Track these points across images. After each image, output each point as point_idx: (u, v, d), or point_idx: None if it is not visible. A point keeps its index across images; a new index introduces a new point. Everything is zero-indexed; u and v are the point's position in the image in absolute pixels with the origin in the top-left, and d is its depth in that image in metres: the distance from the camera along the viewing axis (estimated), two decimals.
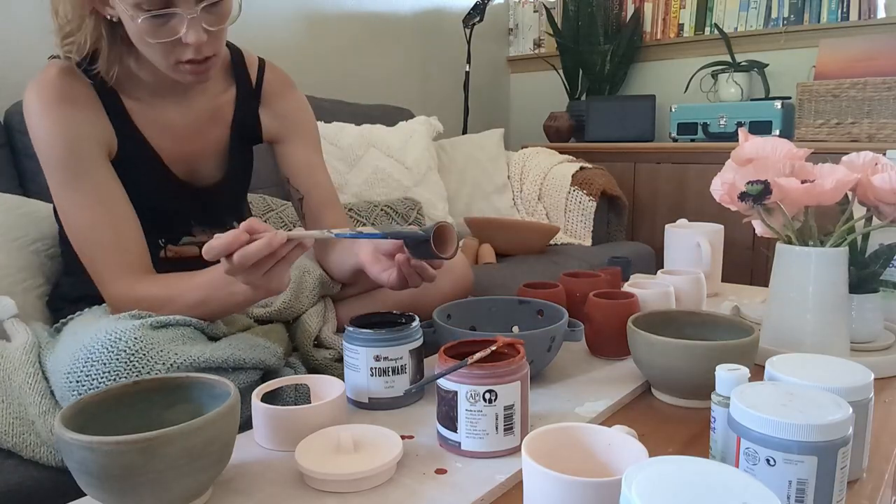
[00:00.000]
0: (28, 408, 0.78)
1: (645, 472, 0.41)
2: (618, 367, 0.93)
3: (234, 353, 0.82)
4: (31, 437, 0.78)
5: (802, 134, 2.24)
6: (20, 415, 0.78)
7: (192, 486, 0.56)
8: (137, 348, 0.74)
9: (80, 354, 0.75)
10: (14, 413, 0.78)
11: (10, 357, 0.82)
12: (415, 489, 0.61)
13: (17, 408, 0.79)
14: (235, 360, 0.82)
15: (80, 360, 0.74)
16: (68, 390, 0.75)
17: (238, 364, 0.82)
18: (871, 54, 2.19)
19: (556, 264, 1.84)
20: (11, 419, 0.78)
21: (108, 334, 0.75)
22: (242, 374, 0.83)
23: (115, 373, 0.73)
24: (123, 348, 0.74)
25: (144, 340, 0.75)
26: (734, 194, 0.88)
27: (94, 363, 0.74)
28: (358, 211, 1.69)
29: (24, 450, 0.78)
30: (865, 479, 0.65)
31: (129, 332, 0.75)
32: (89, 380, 0.73)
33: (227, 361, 0.81)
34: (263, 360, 0.86)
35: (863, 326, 0.96)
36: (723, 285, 1.43)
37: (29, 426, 0.78)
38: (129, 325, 0.76)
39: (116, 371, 0.73)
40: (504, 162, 2.31)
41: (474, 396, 0.65)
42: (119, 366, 0.73)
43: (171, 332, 0.80)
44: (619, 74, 2.87)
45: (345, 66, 2.42)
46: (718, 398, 0.63)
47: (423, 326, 0.90)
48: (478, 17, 2.58)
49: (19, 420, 0.78)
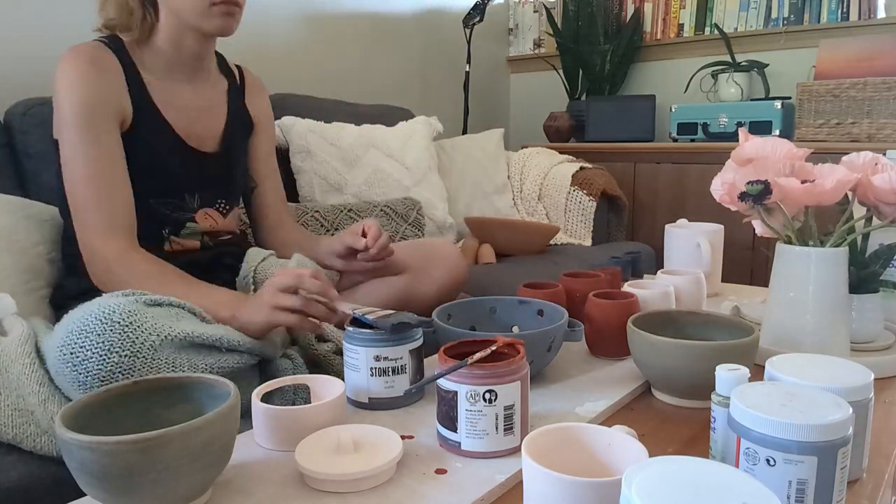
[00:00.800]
0: (27, 398, 0.78)
1: (645, 472, 0.41)
2: (618, 367, 0.93)
3: (228, 334, 0.84)
4: (30, 427, 0.78)
5: (802, 134, 2.24)
6: (18, 406, 0.78)
7: (192, 486, 0.56)
8: (132, 320, 0.75)
9: (74, 327, 0.74)
10: (12, 405, 0.78)
11: (6, 350, 0.82)
12: (415, 489, 0.61)
13: (14, 399, 0.78)
14: (229, 340, 0.83)
15: (73, 332, 0.74)
16: (62, 363, 0.74)
17: (231, 346, 0.84)
18: (871, 54, 2.19)
19: (556, 264, 1.84)
20: (10, 411, 0.78)
21: (102, 308, 0.75)
22: (236, 356, 0.84)
23: (108, 343, 0.73)
24: (118, 320, 0.74)
25: (138, 314, 0.76)
26: (734, 194, 0.88)
27: (89, 335, 0.73)
28: (358, 211, 1.69)
29: (24, 441, 0.78)
30: (865, 479, 0.65)
31: (124, 306, 0.76)
32: (83, 351, 0.73)
33: (220, 340, 0.82)
34: (258, 346, 0.88)
35: (863, 326, 0.96)
36: (723, 285, 1.43)
37: (28, 416, 0.78)
38: (123, 301, 0.77)
39: (110, 342, 0.73)
40: (504, 162, 2.31)
41: (474, 396, 0.65)
42: (113, 336, 0.73)
43: (165, 309, 0.81)
44: (619, 74, 2.87)
45: (345, 66, 2.42)
46: (718, 398, 0.63)
47: (423, 326, 0.90)
48: (478, 17, 2.58)
49: (18, 411, 0.78)
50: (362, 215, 1.69)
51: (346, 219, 1.64)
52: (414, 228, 1.78)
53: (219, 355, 0.82)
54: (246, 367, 0.87)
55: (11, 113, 1.35)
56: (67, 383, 0.75)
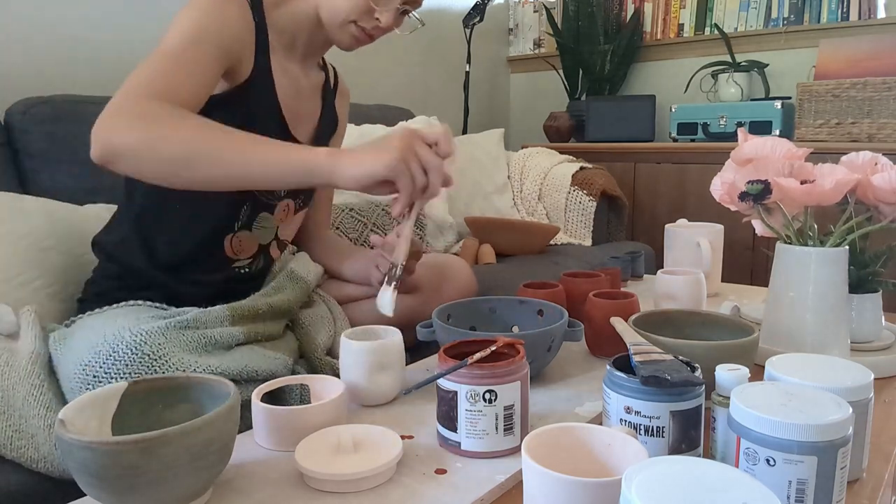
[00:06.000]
0: (29, 420, 0.77)
1: (645, 472, 0.41)
2: None
3: (249, 365, 0.84)
4: (29, 451, 0.77)
5: (802, 134, 2.24)
6: (20, 427, 0.78)
7: (192, 486, 0.56)
8: (160, 353, 0.75)
9: (104, 349, 0.74)
10: (14, 426, 0.78)
11: (16, 366, 0.81)
12: (415, 489, 0.61)
13: (17, 420, 0.78)
14: (248, 371, 0.84)
15: (102, 354, 0.74)
16: (82, 382, 0.74)
17: (250, 376, 0.84)
18: (871, 54, 2.19)
19: (556, 264, 1.84)
20: (10, 432, 0.77)
21: (134, 336, 0.75)
22: (252, 385, 0.84)
23: (136, 375, 0.74)
24: (147, 353, 0.75)
25: (167, 346, 0.76)
26: (734, 194, 0.88)
27: (117, 362, 0.74)
28: (359, 210, 1.69)
29: (23, 463, 0.78)
30: (865, 479, 0.65)
31: (154, 337, 0.76)
32: (108, 377, 0.73)
33: (240, 374, 0.83)
34: (274, 371, 0.88)
35: (863, 326, 0.96)
36: (723, 285, 1.43)
37: (28, 440, 0.77)
38: (152, 327, 0.77)
39: (137, 373, 0.74)
40: (504, 162, 2.30)
41: (474, 396, 0.65)
42: (141, 368, 0.74)
43: (191, 334, 0.81)
44: (619, 74, 2.87)
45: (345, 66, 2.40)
46: (718, 398, 0.63)
47: (423, 326, 0.90)
48: (478, 17, 2.57)
49: (18, 433, 0.77)
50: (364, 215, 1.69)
51: (347, 218, 1.64)
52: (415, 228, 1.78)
53: (237, 385, 0.83)
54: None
55: (11, 113, 1.35)
56: None
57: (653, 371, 0.62)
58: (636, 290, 1.41)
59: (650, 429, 0.62)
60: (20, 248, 1.09)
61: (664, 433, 0.62)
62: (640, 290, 1.41)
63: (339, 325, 1.10)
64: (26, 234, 1.10)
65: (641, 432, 0.62)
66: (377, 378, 0.79)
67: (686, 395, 0.61)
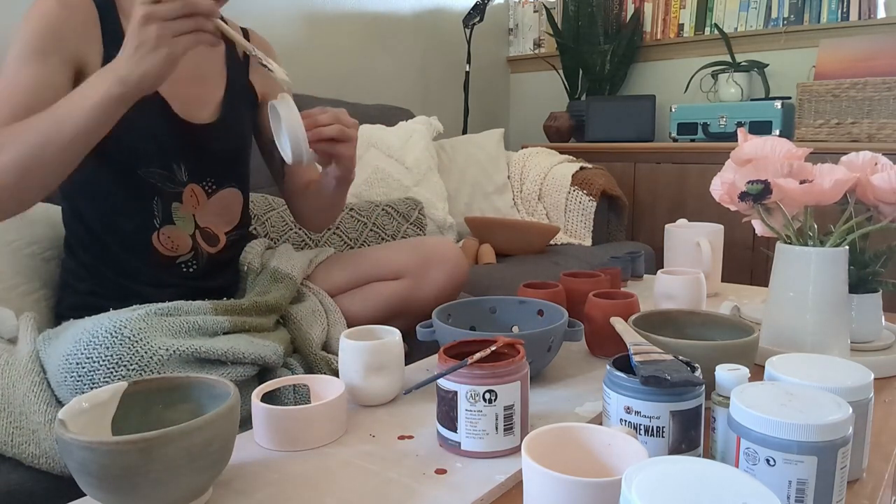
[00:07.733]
0: (30, 416, 0.77)
1: (645, 472, 0.41)
2: None
3: (234, 347, 0.84)
4: (30, 447, 0.77)
5: (802, 134, 2.24)
6: (20, 424, 0.78)
7: (192, 486, 0.56)
8: (141, 336, 0.75)
9: (83, 337, 0.75)
10: (15, 423, 0.77)
11: (16, 364, 0.81)
12: (415, 489, 0.61)
13: (17, 416, 0.78)
14: (234, 353, 0.83)
15: (81, 342, 0.74)
16: (66, 372, 0.74)
17: (237, 358, 0.84)
18: (871, 54, 2.19)
19: (556, 264, 1.84)
20: (11, 429, 0.77)
21: (113, 322, 0.76)
22: (240, 368, 0.84)
23: (117, 357, 0.73)
24: (128, 335, 0.75)
25: (148, 330, 0.76)
26: (734, 194, 0.88)
27: (97, 347, 0.74)
28: (359, 211, 1.68)
29: (23, 460, 0.78)
30: (865, 479, 0.65)
31: (133, 322, 0.76)
32: (90, 363, 0.73)
33: (226, 354, 0.82)
34: (263, 355, 0.87)
35: (863, 326, 0.96)
36: (723, 285, 1.43)
37: (29, 436, 0.77)
38: (132, 315, 0.77)
39: (119, 355, 0.73)
40: (504, 162, 2.30)
41: (474, 396, 0.65)
42: (122, 350, 0.74)
43: (173, 320, 0.81)
44: (619, 74, 2.87)
45: (345, 65, 2.42)
46: (718, 398, 0.63)
47: (423, 326, 0.90)
48: (478, 17, 2.57)
49: (19, 430, 0.77)
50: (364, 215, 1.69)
51: (347, 218, 1.64)
52: (415, 228, 1.78)
53: (223, 368, 0.83)
54: (249, 377, 0.87)
55: None
56: (69, 393, 0.75)
57: (653, 371, 0.62)
58: (636, 290, 1.41)
59: (650, 429, 0.62)
60: (24, 257, 1.09)
61: (664, 433, 0.62)
62: (640, 290, 1.41)
63: (332, 317, 1.09)
64: (30, 242, 1.11)
65: (641, 432, 0.62)
66: (377, 378, 0.79)
67: (686, 395, 0.61)
